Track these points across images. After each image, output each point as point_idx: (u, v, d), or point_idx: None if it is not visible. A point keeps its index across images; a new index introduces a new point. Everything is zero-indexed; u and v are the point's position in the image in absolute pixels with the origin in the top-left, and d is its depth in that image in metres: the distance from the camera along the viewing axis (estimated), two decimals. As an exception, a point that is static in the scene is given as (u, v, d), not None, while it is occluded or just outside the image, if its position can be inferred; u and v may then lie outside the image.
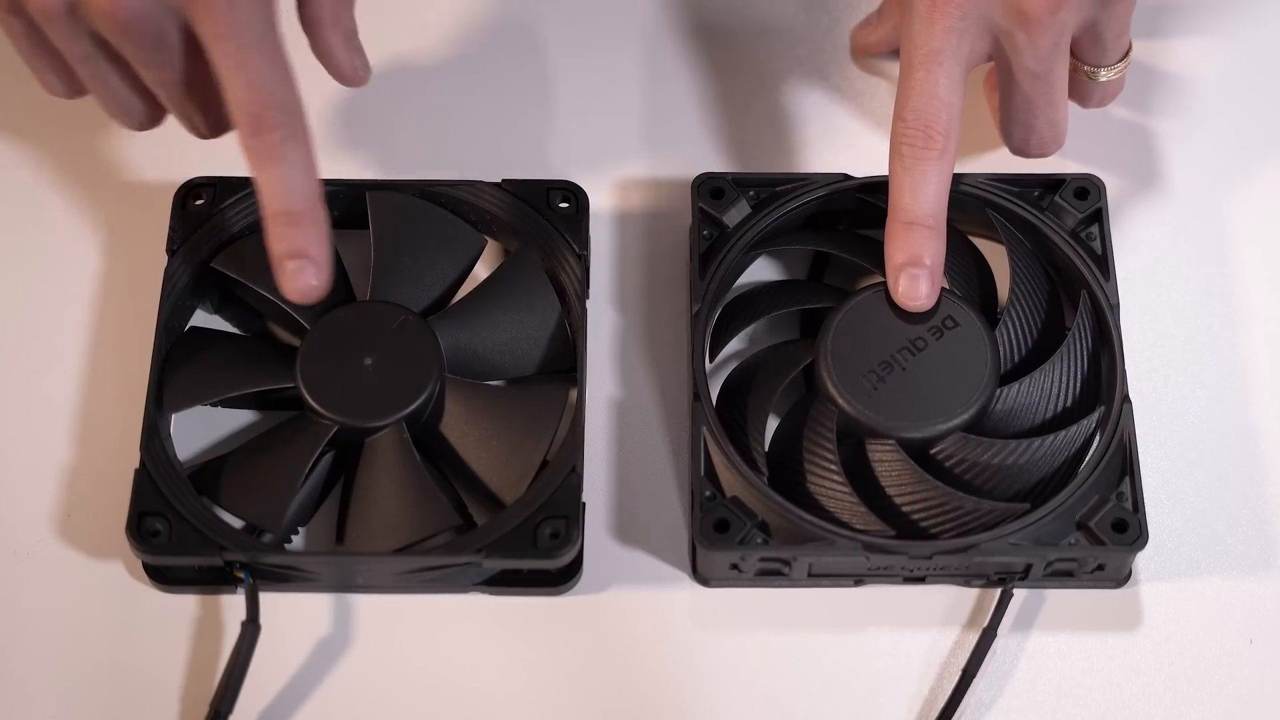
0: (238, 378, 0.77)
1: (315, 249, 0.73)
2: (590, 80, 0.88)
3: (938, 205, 0.77)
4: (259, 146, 0.71)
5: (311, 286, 0.73)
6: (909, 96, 0.77)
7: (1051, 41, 0.78)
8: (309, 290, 0.73)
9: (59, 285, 0.83)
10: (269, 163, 0.71)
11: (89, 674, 0.75)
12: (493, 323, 0.79)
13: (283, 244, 0.72)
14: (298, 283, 0.73)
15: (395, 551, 0.74)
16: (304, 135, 0.72)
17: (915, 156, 0.76)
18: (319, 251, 0.73)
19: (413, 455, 0.75)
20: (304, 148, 0.72)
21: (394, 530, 0.75)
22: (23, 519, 0.78)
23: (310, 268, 0.73)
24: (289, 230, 0.72)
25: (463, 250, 0.81)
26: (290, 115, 0.72)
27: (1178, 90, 0.88)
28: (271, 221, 0.72)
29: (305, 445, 0.75)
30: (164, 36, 0.72)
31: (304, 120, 0.72)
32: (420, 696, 0.75)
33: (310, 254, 0.73)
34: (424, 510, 0.75)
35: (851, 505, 0.75)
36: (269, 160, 0.71)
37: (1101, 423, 0.76)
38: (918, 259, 0.77)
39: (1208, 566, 0.77)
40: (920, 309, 0.77)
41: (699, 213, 0.80)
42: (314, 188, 0.72)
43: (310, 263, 0.73)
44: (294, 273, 0.73)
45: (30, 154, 0.86)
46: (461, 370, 0.78)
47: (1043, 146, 0.83)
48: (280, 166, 0.72)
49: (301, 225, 0.72)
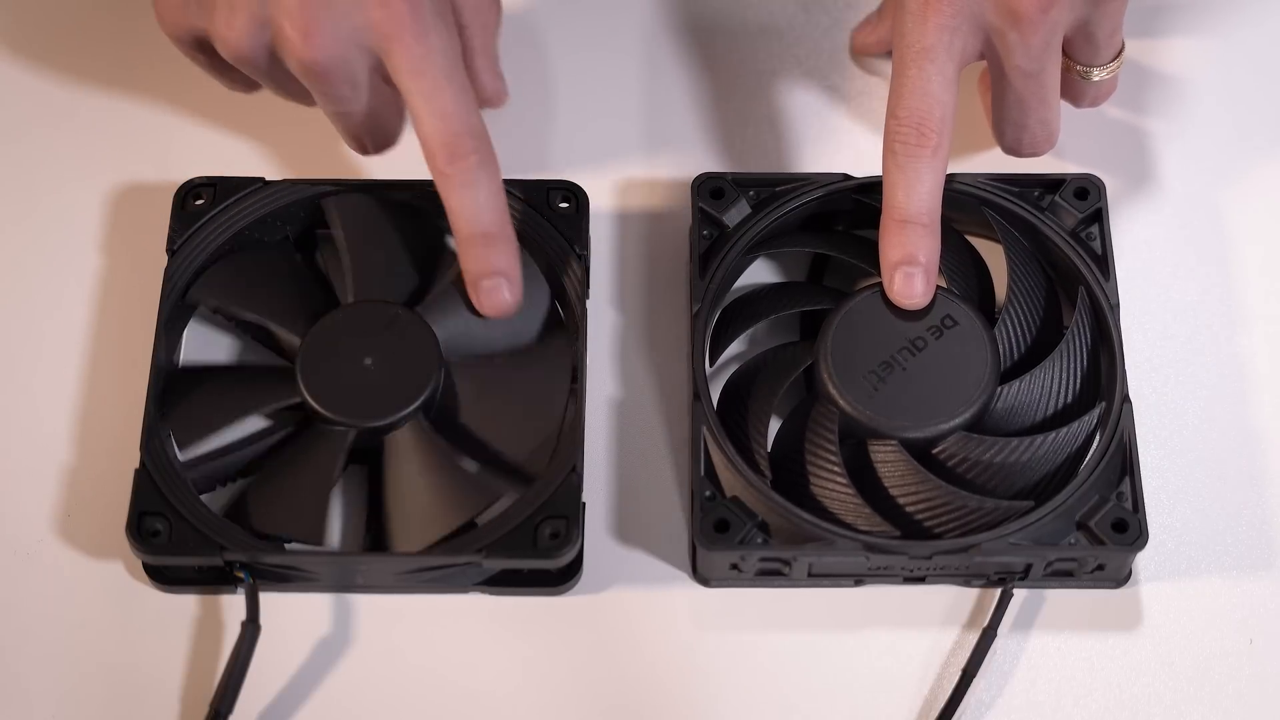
0: (243, 403, 0.77)
1: (509, 267, 0.76)
2: (590, 80, 0.88)
3: (932, 203, 0.77)
4: (455, 174, 0.74)
5: (507, 302, 0.76)
6: (902, 94, 0.77)
7: (1043, 40, 0.78)
8: (505, 306, 0.76)
9: (59, 285, 0.83)
10: (464, 189, 0.75)
11: (89, 674, 0.75)
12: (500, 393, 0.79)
13: (480, 264, 0.76)
14: (494, 299, 0.76)
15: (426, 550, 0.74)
16: (493, 160, 0.75)
17: (909, 154, 0.77)
18: (512, 269, 0.76)
19: (438, 443, 0.76)
20: (493, 171, 0.75)
21: (435, 520, 0.75)
22: (23, 519, 0.78)
23: (505, 284, 0.76)
24: (485, 251, 0.76)
25: (428, 236, 0.81)
26: (480, 141, 0.75)
27: (1176, 90, 0.88)
28: (467, 243, 0.76)
29: (328, 456, 0.75)
30: (356, 77, 0.75)
31: (490, 145, 0.75)
32: (420, 696, 0.75)
33: (505, 272, 0.76)
34: (463, 493, 0.75)
35: (855, 506, 0.75)
36: (464, 186, 0.75)
37: (1101, 422, 0.76)
38: (912, 257, 0.77)
39: (1208, 566, 0.77)
40: (915, 306, 0.77)
41: (699, 213, 0.80)
42: (505, 209, 0.76)
43: (505, 279, 0.76)
44: (490, 290, 0.76)
45: (30, 154, 0.86)
46: (460, 353, 0.78)
47: (1035, 146, 0.83)
48: (475, 191, 0.75)
49: (496, 245, 0.76)
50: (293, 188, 0.81)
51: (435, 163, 0.74)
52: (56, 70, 0.88)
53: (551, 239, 0.80)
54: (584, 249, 0.80)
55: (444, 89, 0.74)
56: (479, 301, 0.76)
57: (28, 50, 0.88)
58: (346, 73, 0.75)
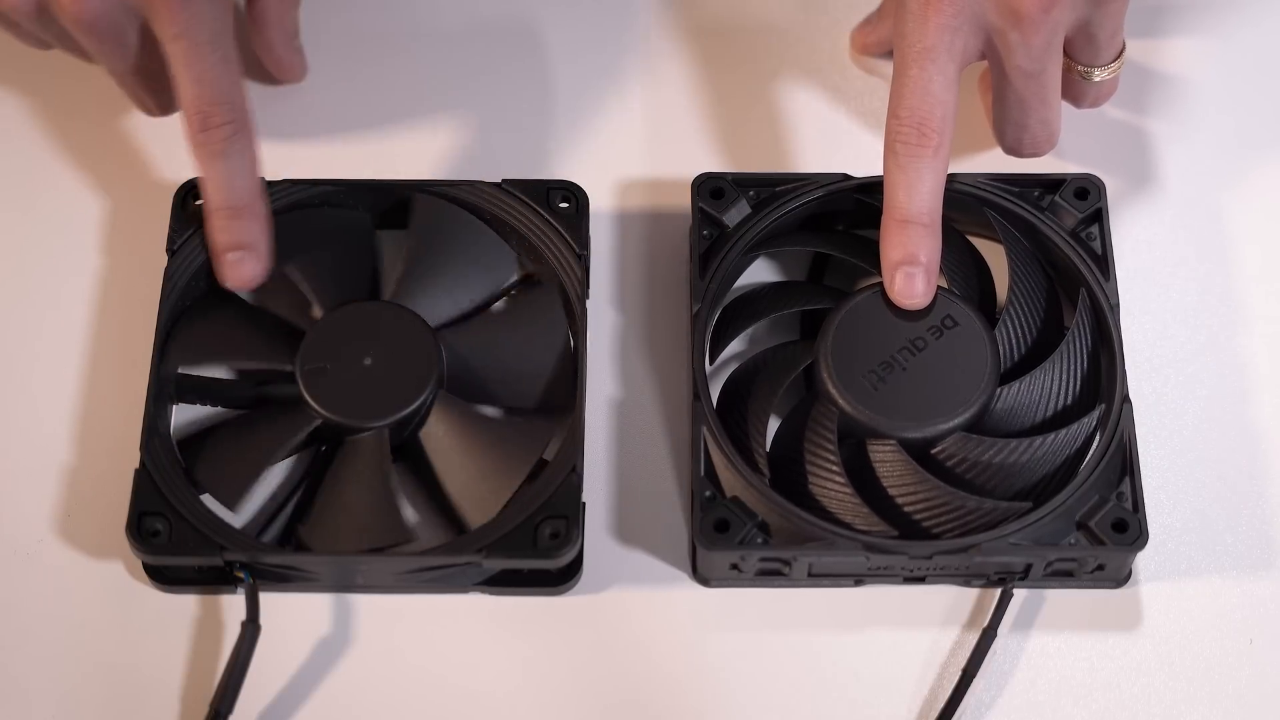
0: (241, 347, 0.78)
1: (256, 240, 0.77)
2: (590, 80, 0.88)
3: (933, 203, 0.77)
4: (206, 142, 0.75)
5: (249, 275, 0.77)
6: (903, 94, 0.77)
7: (1044, 40, 0.78)
8: (249, 278, 0.77)
9: (59, 285, 0.83)
10: (215, 159, 0.76)
11: (89, 674, 0.75)
12: (500, 349, 0.79)
13: (224, 235, 0.77)
14: (238, 272, 0.77)
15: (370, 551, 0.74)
16: (248, 132, 0.76)
17: (910, 154, 0.76)
18: (259, 242, 0.77)
19: (386, 464, 0.75)
20: (247, 144, 0.76)
21: (350, 533, 0.75)
22: (23, 519, 0.78)
23: (250, 258, 0.77)
24: (231, 223, 0.77)
25: (495, 272, 0.81)
26: (235, 112, 0.76)
27: (1177, 90, 0.88)
28: (214, 215, 0.77)
29: (285, 430, 0.76)
30: (123, 34, 0.77)
31: (248, 118, 0.76)
32: (420, 696, 0.75)
33: (250, 245, 0.77)
34: (382, 520, 0.75)
35: (854, 506, 0.75)
36: (214, 156, 0.76)
37: (1101, 422, 0.76)
38: (913, 257, 0.77)
39: (1208, 566, 0.77)
40: (916, 306, 0.77)
41: (699, 213, 0.80)
42: (255, 183, 0.77)
43: (249, 253, 0.77)
44: (234, 263, 0.77)
45: (30, 154, 0.86)
46: (458, 389, 0.78)
47: (1036, 146, 0.83)
48: (224, 162, 0.76)
49: (243, 219, 0.77)
50: (293, 188, 0.81)
51: (189, 129, 0.76)
52: (57, 70, 0.88)
53: (551, 239, 0.80)
54: (584, 249, 0.80)
55: (203, 56, 0.75)
56: (222, 274, 0.77)
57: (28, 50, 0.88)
58: (114, 31, 0.76)
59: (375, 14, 0.89)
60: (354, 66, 0.88)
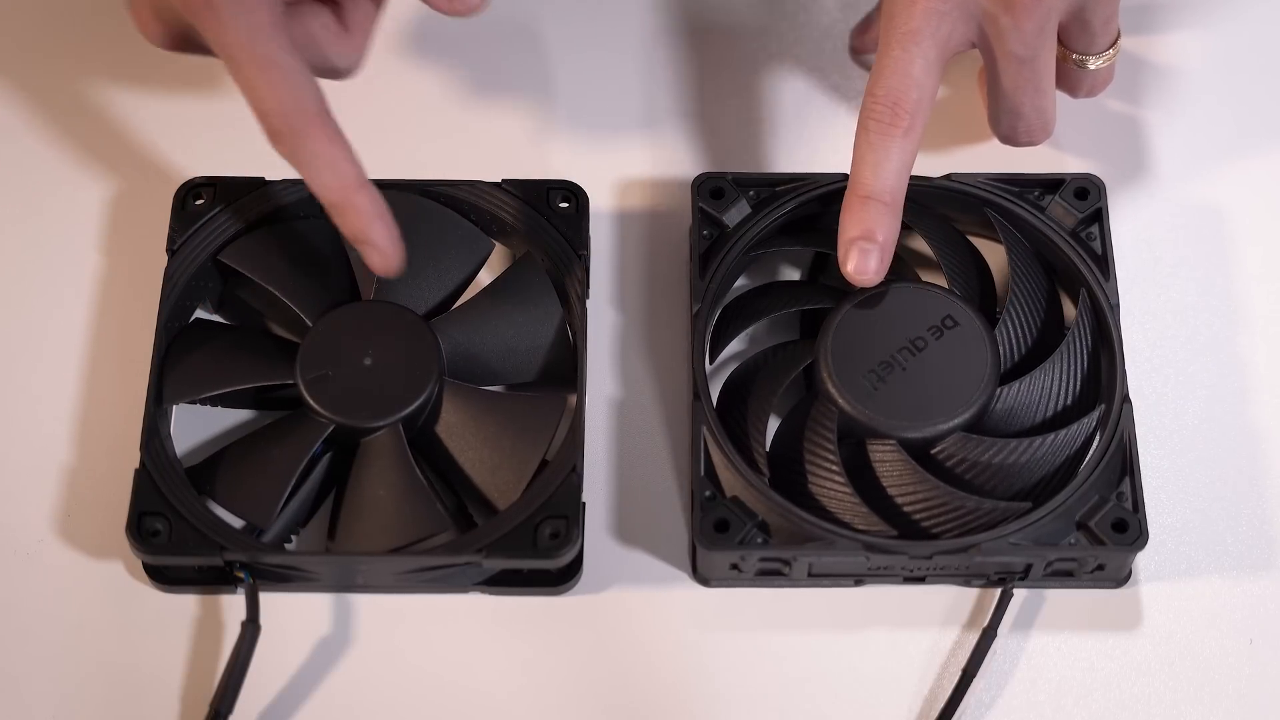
0: (238, 371, 0.77)
1: (364, 231, 0.75)
2: (590, 80, 0.88)
3: (897, 182, 0.77)
4: (282, 153, 0.74)
5: (379, 266, 0.75)
6: (882, 73, 0.77)
7: (1037, 25, 0.78)
8: (377, 268, 0.76)
9: (59, 285, 0.83)
10: (295, 165, 0.74)
11: (89, 674, 0.75)
12: (494, 327, 0.79)
13: (345, 232, 0.75)
14: (370, 262, 0.76)
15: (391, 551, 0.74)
16: (314, 131, 0.73)
17: (880, 132, 0.76)
18: (369, 232, 0.75)
19: (407, 458, 0.75)
20: (316, 145, 0.73)
21: (386, 532, 0.75)
22: (23, 519, 0.78)
23: (369, 250, 0.75)
24: (339, 220, 0.75)
25: (470, 253, 0.81)
26: (290, 118, 0.73)
27: (1178, 89, 0.88)
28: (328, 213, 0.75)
29: (299, 443, 0.75)
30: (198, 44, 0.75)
31: (311, 119, 0.73)
32: (420, 696, 0.75)
33: (361, 238, 0.75)
34: (416, 513, 0.75)
35: (853, 505, 0.75)
36: (293, 163, 0.74)
37: (1101, 422, 0.76)
38: (870, 234, 0.76)
39: (1208, 566, 0.77)
40: (867, 284, 0.77)
41: (699, 213, 0.80)
42: (339, 179, 0.74)
43: (365, 245, 0.75)
44: (363, 255, 0.76)
45: (30, 154, 0.86)
46: (461, 374, 0.78)
47: (1031, 134, 0.82)
48: (301, 168, 0.74)
49: (344, 214, 0.75)
50: (293, 187, 0.81)
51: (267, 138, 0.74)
52: (57, 70, 0.88)
53: (551, 239, 0.80)
54: (584, 249, 0.80)
55: (248, 73, 0.72)
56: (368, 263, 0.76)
57: (28, 50, 0.88)
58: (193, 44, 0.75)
59: (375, 14, 0.89)
60: (354, 66, 0.88)
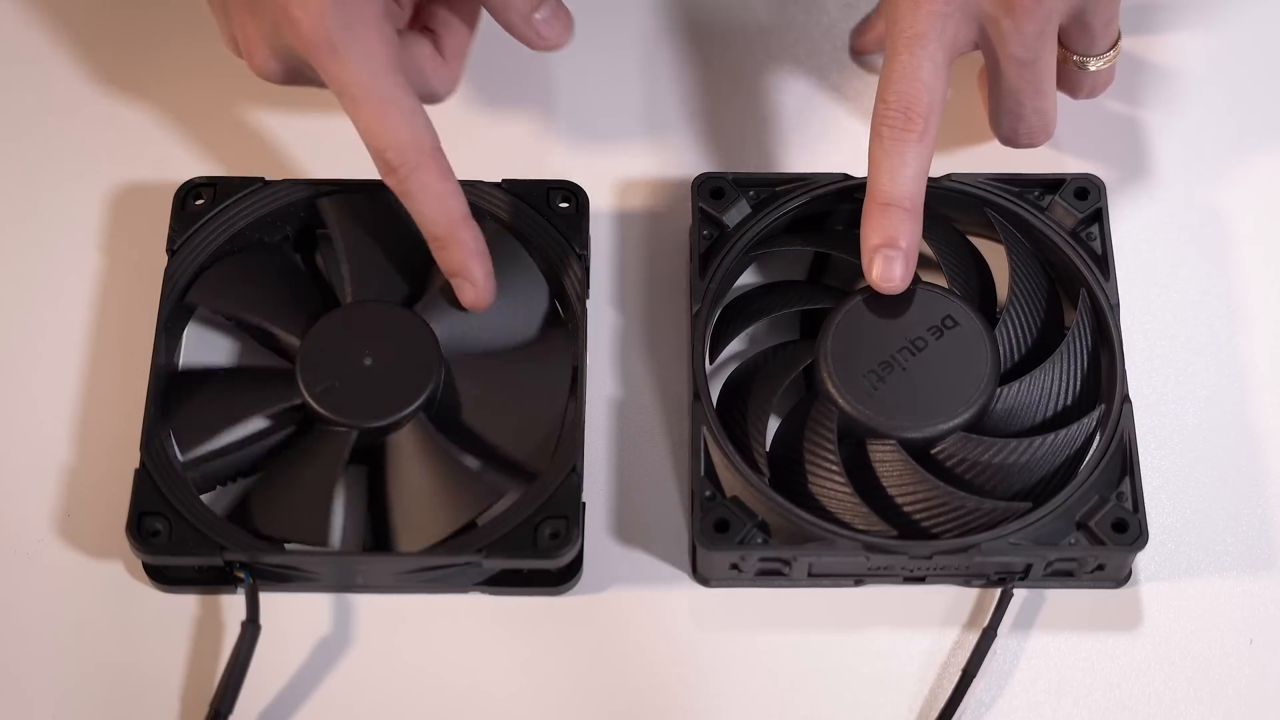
0: (245, 405, 0.77)
1: (461, 267, 0.77)
2: (590, 80, 0.88)
3: (915, 187, 0.77)
4: (391, 185, 0.75)
5: (470, 300, 0.78)
6: (891, 79, 0.77)
7: (1037, 28, 0.78)
8: (469, 303, 0.78)
9: (59, 285, 0.83)
10: (403, 199, 0.76)
11: (89, 674, 0.75)
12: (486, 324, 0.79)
13: (443, 264, 0.78)
14: (461, 296, 0.78)
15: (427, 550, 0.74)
16: (427, 167, 0.75)
17: (894, 138, 0.76)
18: (465, 268, 0.77)
19: (439, 442, 0.76)
20: (428, 179, 0.75)
21: (438, 520, 0.75)
22: (23, 519, 0.78)
23: (463, 284, 0.77)
24: (439, 254, 0.77)
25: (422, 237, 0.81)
26: (404, 154, 0.75)
27: (1178, 87, 0.88)
28: (430, 244, 0.77)
29: (330, 457, 0.75)
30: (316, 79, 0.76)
31: (426, 156, 0.75)
32: (420, 696, 0.75)
33: (457, 271, 0.77)
34: (466, 493, 0.75)
35: (853, 505, 0.75)
36: (403, 196, 0.76)
37: (1101, 422, 0.76)
38: (893, 240, 0.77)
39: (1208, 566, 0.77)
40: (894, 291, 0.77)
41: (699, 213, 0.80)
42: (447, 215, 0.76)
43: (460, 279, 0.77)
44: (456, 288, 0.78)
45: (30, 154, 0.86)
46: (459, 351, 0.78)
47: (1031, 136, 0.82)
48: (409, 201, 0.76)
49: (446, 249, 0.77)
50: (293, 188, 0.81)
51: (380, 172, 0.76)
52: (57, 70, 0.88)
53: (551, 239, 0.80)
54: (584, 249, 0.80)
55: (362, 108, 0.74)
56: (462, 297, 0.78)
57: (28, 50, 0.88)
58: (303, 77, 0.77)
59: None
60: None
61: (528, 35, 0.80)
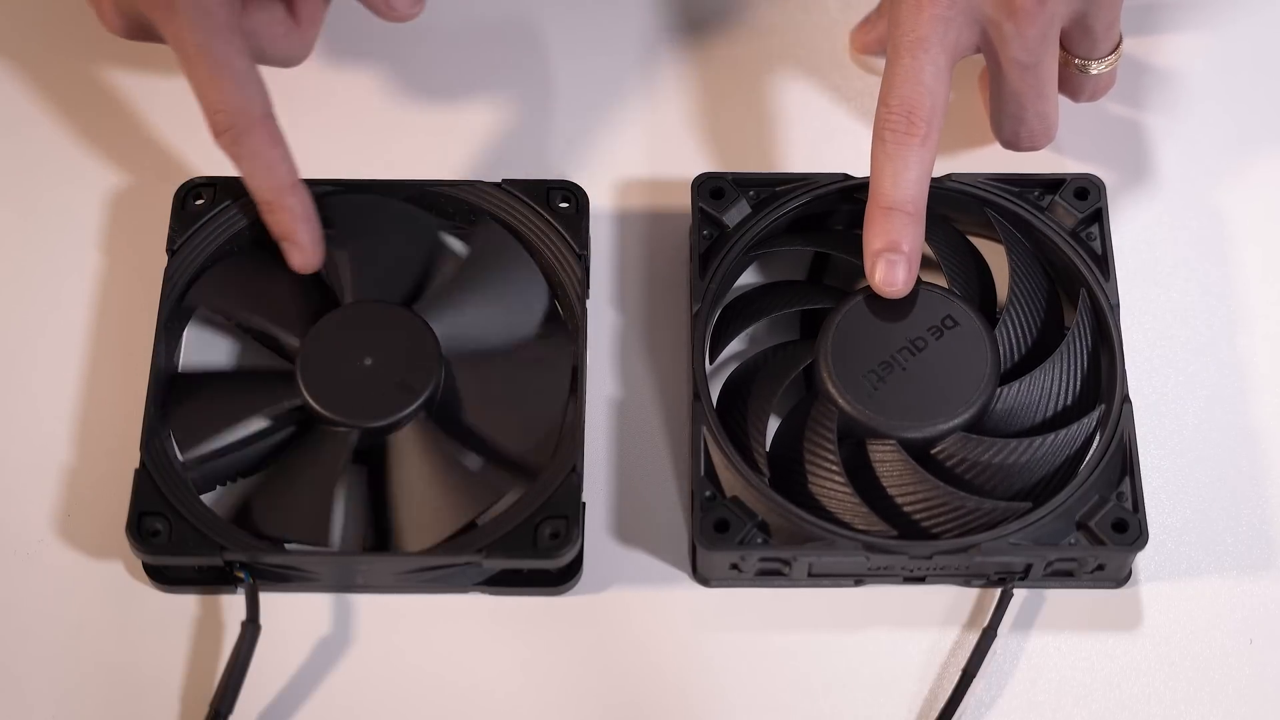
0: (245, 405, 0.77)
1: (291, 231, 0.78)
2: (590, 80, 0.88)
3: (918, 191, 0.77)
4: (223, 149, 0.77)
5: (299, 263, 0.79)
6: (894, 83, 0.77)
7: (1039, 32, 0.78)
8: (298, 266, 0.79)
9: (59, 285, 0.83)
10: (234, 161, 0.77)
11: (89, 674, 0.75)
12: (478, 297, 0.79)
13: (271, 227, 0.79)
14: (290, 260, 0.79)
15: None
16: (257, 132, 0.76)
17: (897, 142, 0.76)
18: (296, 232, 0.78)
19: (441, 441, 0.76)
20: (258, 144, 0.76)
21: (441, 519, 0.75)
22: (23, 519, 0.78)
23: (291, 249, 0.78)
24: (268, 216, 0.78)
25: (423, 237, 0.81)
26: (235, 117, 0.76)
27: (1178, 89, 0.88)
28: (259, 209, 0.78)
29: (331, 457, 0.75)
30: None
31: (256, 120, 0.76)
32: (420, 696, 0.75)
33: (287, 236, 0.78)
34: (468, 491, 0.75)
35: (853, 505, 0.75)
36: (233, 159, 0.77)
37: (1101, 422, 0.76)
38: (896, 244, 0.77)
39: (1208, 566, 0.77)
40: (896, 295, 0.77)
41: (699, 213, 0.80)
42: (277, 179, 0.77)
43: (289, 244, 0.78)
44: (285, 251, 0.79)
45: (30, 153, 0.86)
46: (459, 350, 0.78)
47: (1033, 139, 0.83)
48: (240, 163, 0.77)
49: (275, 212, 0.78)
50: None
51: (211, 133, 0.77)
52: (57, 70, 0.88)
53: (551, 239, 0.80)
54: (584, 249, 0.80)
55: (195, 66, 0.75)
56: None
57: (28, 50, 0.88)
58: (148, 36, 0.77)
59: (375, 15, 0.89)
60: (354, 66, 0.88)
61: (376, 4, 0.81)
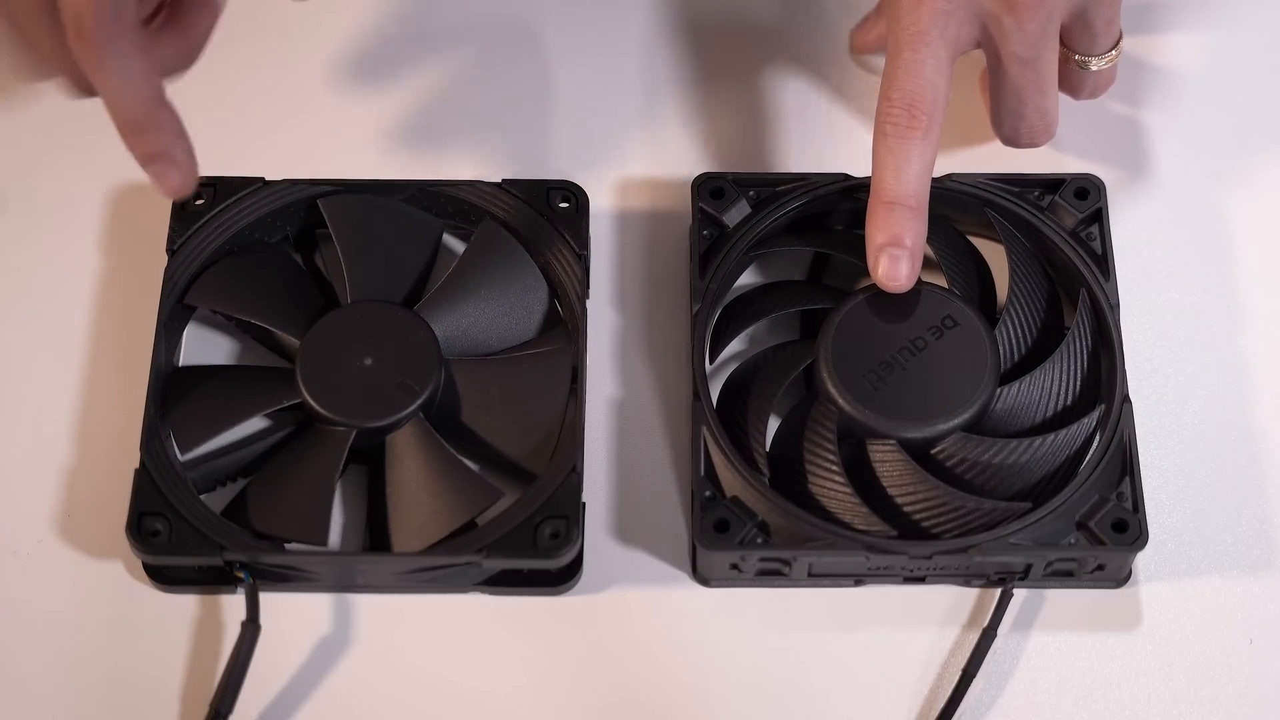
0: (244, 404, 0.77)
1: (165, 148, 0.71)
2: (590, 80, 0.88)
3: (920, 186, 0.77)
4: (82, 56, 0.70)
5: (178, 183, 0.72)
6: (895, 77, 0.77)
7: (1039, 26, 0.78)
8: (177, 187, 0.72)
9: (59, 286, 0.83)
10: (94, 76, 0.70)
11: (89, 674, 0.75)
12: (478, 298, 0.79)
13: (136, 150, 0.72)
14: (164, 183, 0.72)
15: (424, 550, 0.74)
16: (123, 42, 0.69)
17: (899, 136, 0.76)
18: (170, 149, 0.71)
19: (439, 442, 0.76)
20: (121, 56, 0.70)
21: (437, 520, 0.75)
22: (23, 519, 0.78)
23: (170, 168, 0.72)
24: (137, 139, 0.71)
25: (425, 237, 0.81)
26: (105, 24, 0.69)
27: (1178, 88, 0.88)
28: (121, 134, 0.71)
29: (329, 457, 0.76)
30: None
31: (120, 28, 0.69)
32: (420, 696, 0.75)
33: (161, 154, 0.71)
34: (464, 493, 0.75)
35: (853, 505, 0.75)
36: (93, 74, 0.70)
37: (1101, 422, 0.76)
38: (898, 239, 0.77)
39: (1208, 566, 0.77)
40: (899, 290, 0.77)
41: (699, 213, 0.80)
42: (143, 94, 0.70)
43: (165, 162, 0.72)
44: (158, 176, 0.72)
45: (30, 154, 0.86)
46: (459, 351, 0.78)
47: (1033, 136, 0.82)
48: (107, 77, 0.70)
49: (145, 132, 0.71)
50: (293, 188, 0.81)
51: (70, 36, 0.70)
52: (57, 70, 0.88)
53: (551, 239, 0.80)
54: (584, 249, 0.80)
55: None
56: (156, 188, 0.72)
57: (28, 50, 0.88)
58: None
59: (375, 15, 0.89)
60: (354, 67, 0.88)
61: None
